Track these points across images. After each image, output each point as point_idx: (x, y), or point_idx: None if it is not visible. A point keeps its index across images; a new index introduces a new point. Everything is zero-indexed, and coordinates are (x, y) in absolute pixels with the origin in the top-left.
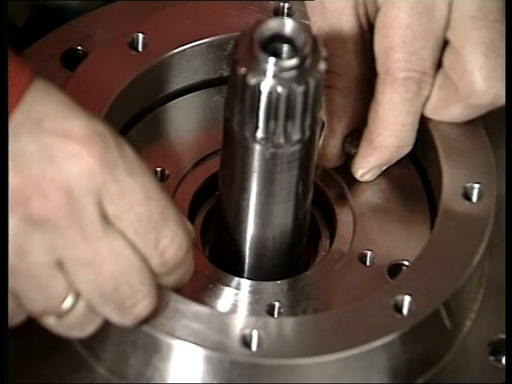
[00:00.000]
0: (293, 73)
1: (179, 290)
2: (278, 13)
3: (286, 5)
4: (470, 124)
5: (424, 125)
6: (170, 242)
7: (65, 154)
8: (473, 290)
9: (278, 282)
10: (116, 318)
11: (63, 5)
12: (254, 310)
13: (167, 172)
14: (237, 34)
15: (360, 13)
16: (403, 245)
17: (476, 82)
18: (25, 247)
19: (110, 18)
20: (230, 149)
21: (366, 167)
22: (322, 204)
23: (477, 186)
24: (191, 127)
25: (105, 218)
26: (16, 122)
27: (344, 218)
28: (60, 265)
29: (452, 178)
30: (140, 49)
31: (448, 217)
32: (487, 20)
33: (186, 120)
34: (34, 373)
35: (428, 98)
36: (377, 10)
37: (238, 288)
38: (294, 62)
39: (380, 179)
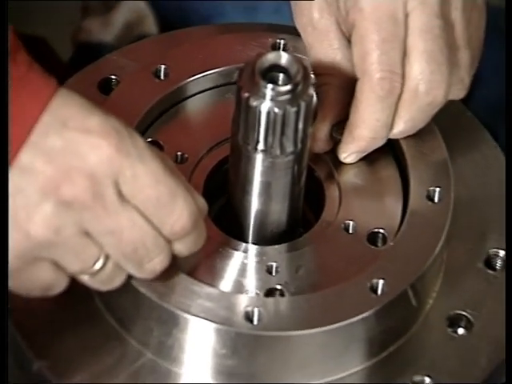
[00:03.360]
0: (287, 97)
1: (196, 253)
2: (275, 47)
3: (282, 41)
4: (430, 137)
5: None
6: (177, 216)
7: (87, 146)
8: (434, 275)
9: (277, 246)
10: (137, 273)
11: (100, 42)
12: (257, 270)
13: (186, 155)
14: (241, 64)
15: (341, 28)
16: (379, 217)
17: (418, 84)
18: (60, 225)
19: (138, 53)
20: (236, 158)
21: (347, 152)
22: (313, 182)
23: (438, 189)
24: (206, 118)
25: (122, 197)
26: (44, 123)
27: (331, 193)
28: (90, 235)
29: (417, 182)
30: (162, 77)
31: (415, 215)
32: (432, 34)
33: (201, 113)
34: (75, 343)
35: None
36: (352, 26)
37: (245, 251)
38: (288, 87)
39: (362, 163)
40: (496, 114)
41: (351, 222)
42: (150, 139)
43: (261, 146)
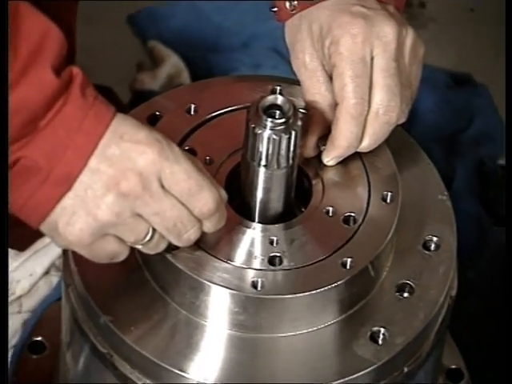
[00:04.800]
0: (282, 127)
1: (219, 229)
2: (273, 92)
3: (278, 87)
4: (384, 156)
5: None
6: (204, 202)
7: (137, 152)
8: (387, 254)
9: (277, 225)
10: (176, 242)
11: (150, 90)
12: (262, 242)
13: (212, 159)
14: (249, 104)
15: (325, 68)
16: (351, 204)
17: (379, 108)
18: (119, 210)
19: (175, 96)
20: (245, 169)
21: (329, 157)
22: (303, 178)
23: (390, 193)
24: (226, 133)
25: (163, 188)
26: (107, 138)
27: (317, 187)
28: (141, 216)
29: (375, 187)
30: (192, 113)
31: (373, 212)
32: (389, 73)
33: (223, 129)
34: (130, 303)
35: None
36: (333, 66)
37: (253, 228)
38: (282, 120)
39: (339, 166)
40: (429, 140)
41: (331, 208)
42: (187, 147)
43: (263, 162)
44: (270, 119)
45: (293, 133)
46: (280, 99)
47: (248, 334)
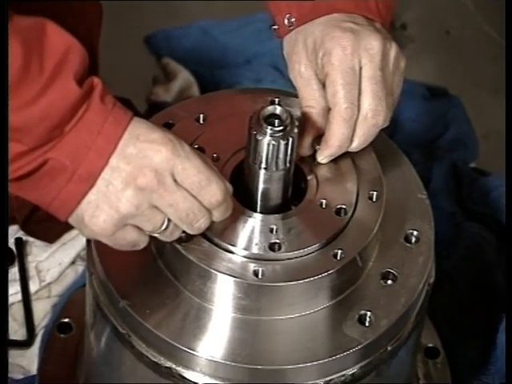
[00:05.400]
0: (280, 134)
1: (225, 219)
2: (272, 102)
3: (277, 99)
4: (370, 160)
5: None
6: (213, 193)
7: (152, 151)
8: (373, 246)
9: (276, 215)
10: (189, 230)
11: (164, 101)
12: (262, 230)
13: (219, 156)
14: (252, 113)
15: (319, 77)
16: (342, 197)
17: (367, 112)
18: (138, 203)
19: (186, 107)
20: (248, 170)
21: (323, 156)
22: (300, 174)
23: (375, 192)
24: (232, 134)
25: (176, 182)
26: (125, 139)
27: (312, 182)
28: (157, 208)
29: (362, 188)
30: (201, 121)
31: (361, 209)
32: (376, 80)
33: (229, 130)
34: (146, 290)
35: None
36: (326, 74)
37: (255, 218)
38: (280, 128)
39: (331, 164)
40: (410, 146)
41: (324, 201)
42: (196, 146)
43: (263, 165)
44: (269, 127)
45: (290, 139)
46: (279, 109)
47: (250, 316)
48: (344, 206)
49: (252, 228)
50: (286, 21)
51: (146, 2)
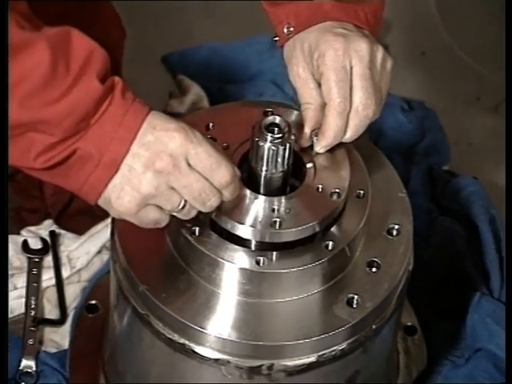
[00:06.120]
0: (279, 140)
1: (233, 199)
2: (266, 113)
3: (270, 109)
4: (358, 165)
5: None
6: (222, 175)
7: (168, 138)
8: (360, 238)
9: (277, 197)
10: (202, 209)
11: (178, 113)
12: (265, 209)
13: (228, 145)
14: (254, 122)
15: (314, 77)
16: (336, 183)
17: (358, 106)
18: (157, 184)
19: (198, 116)
20: (251, 172)
21: (319, 146)
22: (299, 162)
23: (362, 191)
24: (240, 127)
25: (190, 166)
26: (143, 128)
27: (310, 169)
28: (174, 189)
29: (351, 188)
30: (210, 128)
31: (350, 206)
32: (365, 77)
33: (237, 124)
34: (162, 276)
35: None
36: (321, 74)
37: (259, 199)
38: (279, 135)
39: (327, 154)
40: (392, 151)
41: (320, 185)
42: (209, 136)
43: (264, 168)
44: (270, 134)
45: (287, 145)
46: (278, 119)
47: (252, 299)
48: (338, 190)
49: (257, 207)
50: (285, 29)
51: (163, 26)
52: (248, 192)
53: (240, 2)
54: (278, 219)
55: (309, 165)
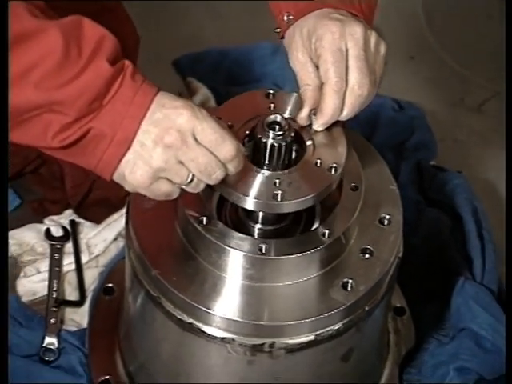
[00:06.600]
0: (280, 137)
1: (238, 172)
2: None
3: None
4: (352, 159)
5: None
6: (227, 149)
7: (175, 115)
8: (354, 227)
9: (279, 171)
10: (208, 181)
11: None
12: (267, 183)
13: (233, 124)
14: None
15: (313, 60)
16: (333, 158)
17: (354, 85)
18: (166, 158)
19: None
20: (254, 149)
21: (318, 124)
22: (300, 140)
23: (356, 184)
24: (244, 108)
25: (196, 141)
26: (152, 107)
27: (309, 146)
28: (182, 163)
29: (345, 182)
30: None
31: (345, 199)
32: (360, 58)
33: (242, 106)
34: (173, 261)
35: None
36: (319, 56)
37: (262, 173)
38: (280, 132)
39: (326, 132)
40: (383, 147)
41: (319, 160)
42: (214, 116)
43: (266, 162)
44: (271, 131)
45: (288, 141)
46: (279, 118)
47: (255, 283)
48: (335, 165)
49: (260, 181)
50: (285, 17)
51: (173, 32)
52: (251, 166)
53: (245, 4)
54: (279, 192)
55: (308, 142)
